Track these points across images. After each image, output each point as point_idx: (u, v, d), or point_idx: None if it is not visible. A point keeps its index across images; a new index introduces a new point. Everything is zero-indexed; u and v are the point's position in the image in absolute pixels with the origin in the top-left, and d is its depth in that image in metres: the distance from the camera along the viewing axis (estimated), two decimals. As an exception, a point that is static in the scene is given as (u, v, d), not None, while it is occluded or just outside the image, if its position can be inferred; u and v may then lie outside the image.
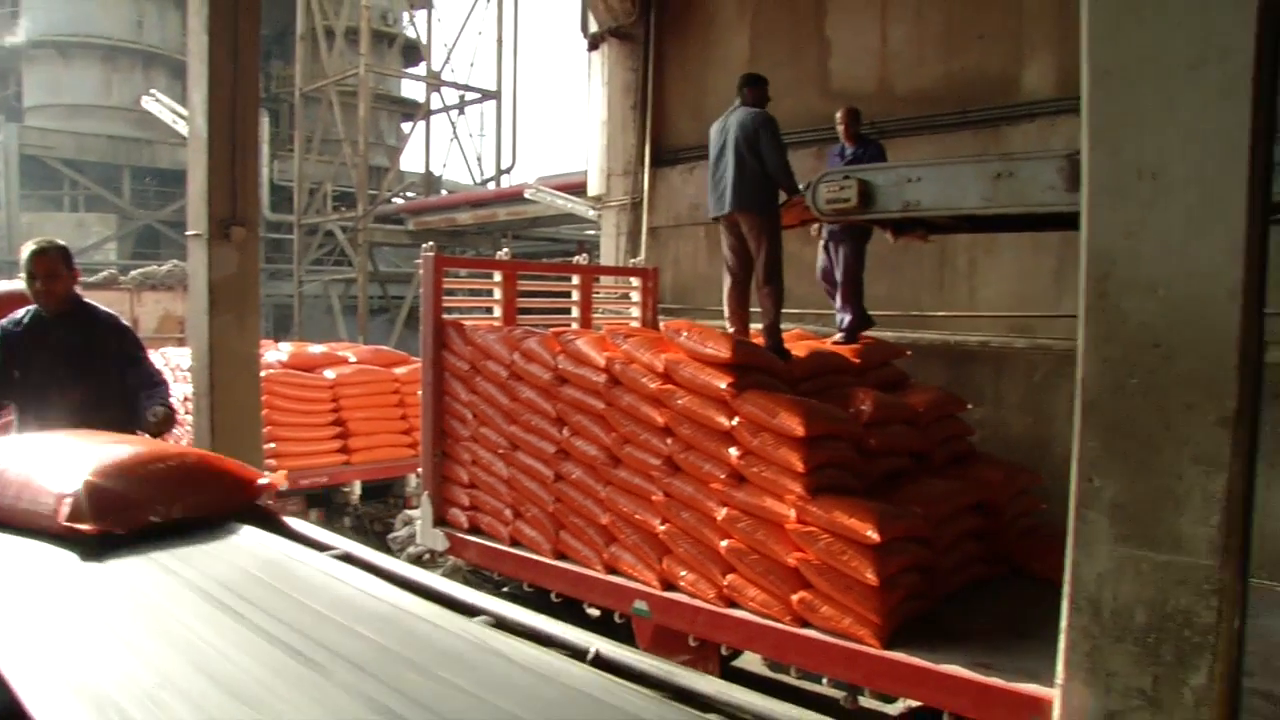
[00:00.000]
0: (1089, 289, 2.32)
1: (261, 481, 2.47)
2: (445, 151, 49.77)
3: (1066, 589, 2.49)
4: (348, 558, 2.02)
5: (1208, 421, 2.24)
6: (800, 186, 5.60)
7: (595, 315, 8.04)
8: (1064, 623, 2.51)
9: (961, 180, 4.21)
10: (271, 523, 2.31)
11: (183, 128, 21.02)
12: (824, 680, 4.81)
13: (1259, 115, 2.03)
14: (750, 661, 5.81)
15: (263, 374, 7.70)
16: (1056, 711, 2.57)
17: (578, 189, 14.82)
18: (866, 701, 4.82)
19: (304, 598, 1.70)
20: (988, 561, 5.33)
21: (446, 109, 29.08)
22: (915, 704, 4.59)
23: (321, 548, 2.07)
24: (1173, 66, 2.11)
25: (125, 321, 4.33)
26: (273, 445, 9.05)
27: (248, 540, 2.09)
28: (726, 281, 6.09)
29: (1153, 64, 2.15)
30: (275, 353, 10.27)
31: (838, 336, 6.51)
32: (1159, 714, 2.37)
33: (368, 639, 1.45)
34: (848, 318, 6.51)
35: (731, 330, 5.95)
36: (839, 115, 6.59)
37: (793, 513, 4.61)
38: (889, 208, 4.38)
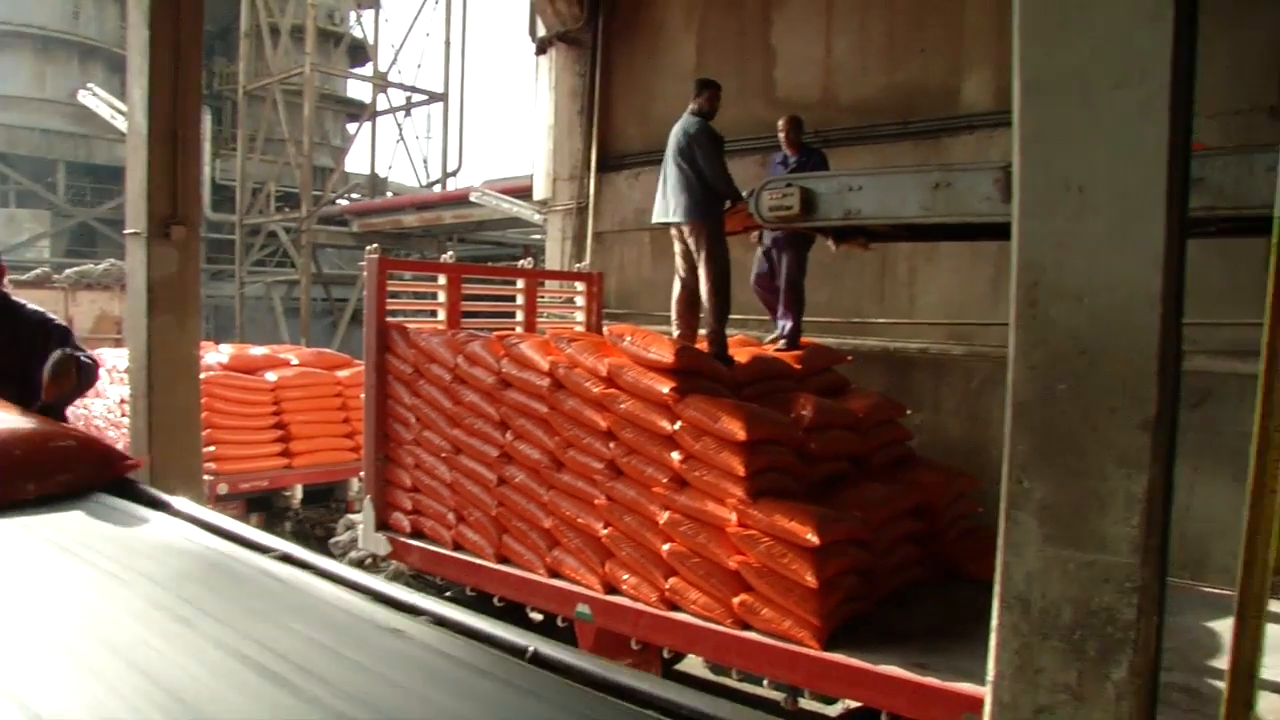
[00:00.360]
0: (1019, 297, 2.40)
1: (129, 461, 2.47)
2: (391, 153, 49.52)
3: (997, 589, 2.56)
4: (232, 535, 2.03)
5: (1130, 425, 2.32)
6: (743, 194, 5.66)
7: (540, 319, 8.05)
8: (995, 622, 2.57)
9: (901, 190, 4.29)
10: (142, 498, 2.30)
11: (121, 123, 20.61)
12: (764, 682, 4.87)
13: (1176, 133, 2.12)
14: (692, 664, 5.85)
15: (202, 376, 7.58)
16: (988, 708, 2.63)
17: (524, 193, 14.80)
18: (806, 703, 4.89)
19: (211, 574, 1.74)
20: (926, 564, 5.44)
21: (393, 110, 28.87)
22: (854, 704, 4.66)
23: (217, 530, 2.07)
24: (1097, 85, 2.20)
25: (57, 319, 4.19)
26: (212, 448, 8.91)
27: (109, 509, 2.11)
28: (676, 287, 6.13)
29: (1079, 82, 2.23)
30: (216, 354, 10.13)
31: (780, 344, 6.58)
32: (1083, 707, 2.44)
33: (292, 629, 1.47)
34: (789, 324, 6.59)
35: (677, 336, 5.99)
36: (781, 124, 6.68)
37: (734, 516, 4.67)
38: (830, 216, 4.46)
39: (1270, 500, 2.13)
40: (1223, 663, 2.44)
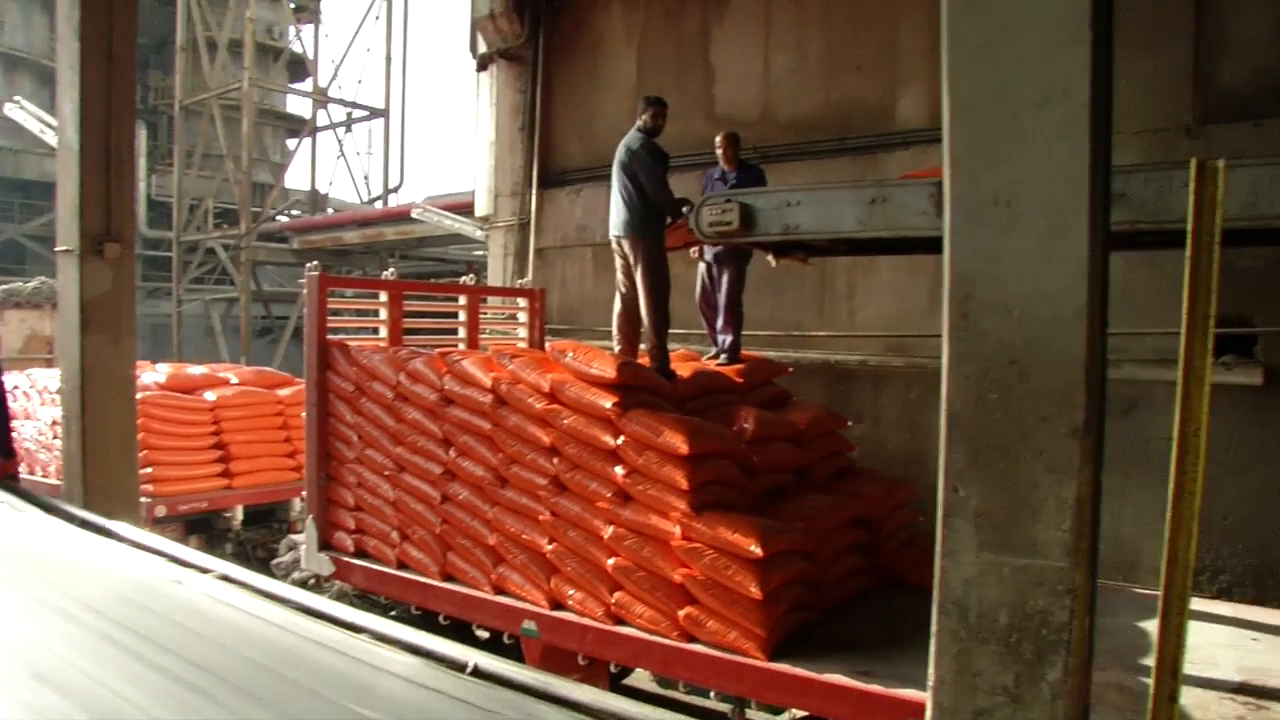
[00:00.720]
0: (951, 310, 2.46)
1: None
2: (332, 169, 48.69)
3: (935, 595, 2.61)
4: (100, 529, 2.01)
5: (1059, 433, 2.39)
6: (683, 209, 5.73)
7: (482, 336, 8.03)
8: (933, 628, 2.62)
9: (839, 205, 4.36)
10: (75, 520, 2.28)
11: (51, 137, 20.07)
12: (711, 694, 4.89)
13: (1097, 150, 2.20)
14: (640, 679, 5.85)
15: (139, 396, 7.43)
16: (929, 713, 2.67)
17: (466, 209, 14.75)
18: (754, 714, 4.92)
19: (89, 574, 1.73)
20: (868, 573, 5.51)
21: (333, 126, 28.61)
22: (801, 714, 4.70)
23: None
24: (1022, 104, 2.27)
25: None
26: (149, 470, 8.76)
27: (40, 530, 2.09)
28: (617, 303, 6.16)
29: (1005, 101, 2.30)
30: (152, 374, 10.00)
31: (721, 359, 6.63)
32: (1020, 709, 2.49)
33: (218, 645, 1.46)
34: (729, 339, 6.64)
35: (619, 351, 6.01)
36: (719, 140, 6.76)
37: (678, 529, 4.69)
38: (769, 230, 4.51)
39: (1190, 502, 2.21)
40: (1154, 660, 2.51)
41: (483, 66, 11.60)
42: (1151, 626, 4.73)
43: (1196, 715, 3.70)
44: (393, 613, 6.44)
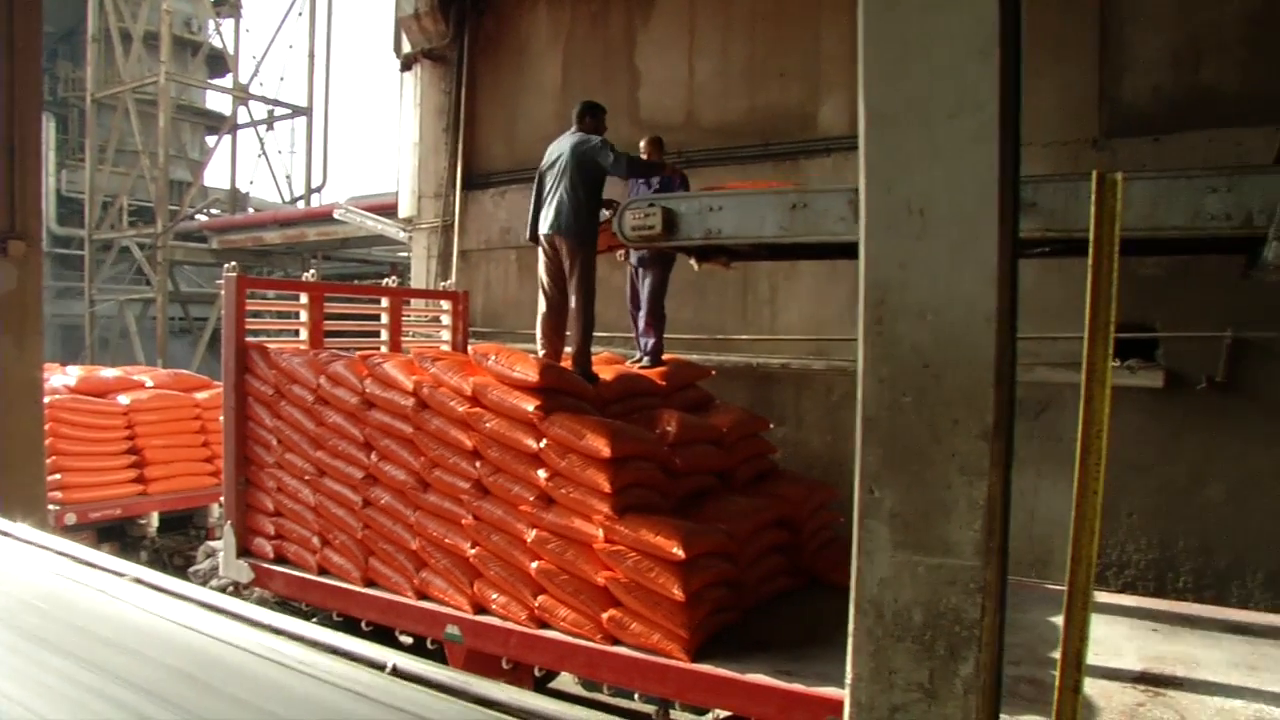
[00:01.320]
0: (867, 314, 2.51)
1: None
2: (253, 168, 47.49)
3: (852, 594, 2.65)
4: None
5: (971, 434, 2.46)
6: (606, 213, 5.75)
7: (405, 338, 7.93)
8: (851, 626, 2.66)
9: (760, 210, 4.42)
10: None
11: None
12: (636, 696, 4.90)
13: (1005, 160, 2.27)
14: (565, 682, 5.85)
15: (47, 400, 7.18)
16: (847, 710, 2.71)
17: (389, 210, 14.54)
18: (678, 714, 4.95)
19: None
20: (790, 574, 5.58)
21: (254, 124, 27.89)
22: (724, 713, 4.75)
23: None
24: (935, 114, 2.34)
25: None
26: (58, 476, 8.50)
27: None
28: (541, 306, 6.12)
29: (918, 111, 2.36)
30: (62, 377, 9.72)
31: (644, 361, 6.66)
32: (935, 704, 2.55)
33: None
34: (650, 342, 6.68)
35: (543, 355, 5.99)
36: (643, 145, 6.79)
37: (601, 532, 4.70)
38: (692, 235, 4.55)
39: (1093, 501, 2.29)
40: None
41: (407, 66, 11.47)
42: (1062, 621, 4.90)
43: (1100, 704, 3.83)
44: (314, 619, 6.34)
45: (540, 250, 6.03)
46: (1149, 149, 6.77)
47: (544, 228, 5.93)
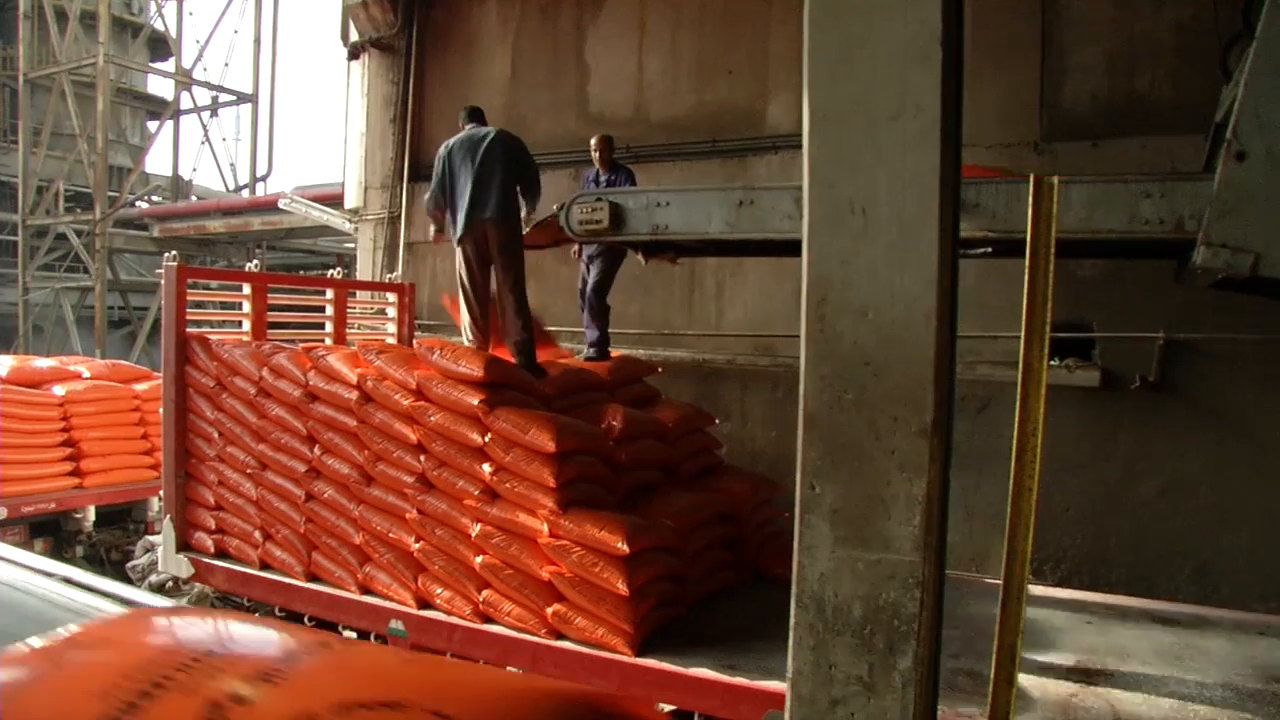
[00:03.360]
0: (809, 312, 2.54)
1: None
2: (196, 155, 46.41)
3: (794, 589, 2.67)
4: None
5: (910, 432, 2.49)
6: (554, 207, 5.72)
7: (350, 331, 7.85)
8: (792, 621, 2.69)
9: (707, 206, 4.47)
10: None
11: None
12: (579, 691, 4.90)
13: (946, 162, 2.31)
14: (508, 677, 5.82)
15: (-26, 391, 6.98)
16: (788, 704, 2.74)
17: (336, 200, 14.36)
18: (620, 709, 4.95)
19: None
20: (734, 568, 5.63)
21: (198, 110, 27.28)
22: (669, 707, 4.77)
23: None
24: (877, 115, 2.36)
25: None
26: (-13, 468, 8.26)
27: None
28: (466, 296, 6.04)
29: (861, 112, 2.39)
30: (-8, 366, 9.39)
31: (588, 353, 6.68)
32: (874, 697, 2.58)
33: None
34: (595, 334, 6.70)
35: (475, 345, 5.95)
36: (594, 143, 6.79)
37: (545, 527, 4.70)
38: (639, 230, 4.58)
39: (1028, 499, 2.34)
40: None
41: (354, 55, 11.32)
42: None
43: (1035, 695, 3.92)
44: (256, 614, 6.26)
45: (470, 240, 5.89)
46: (1088, 153, 6.93)
47: (477, 214, 5.78)
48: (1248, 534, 6.50)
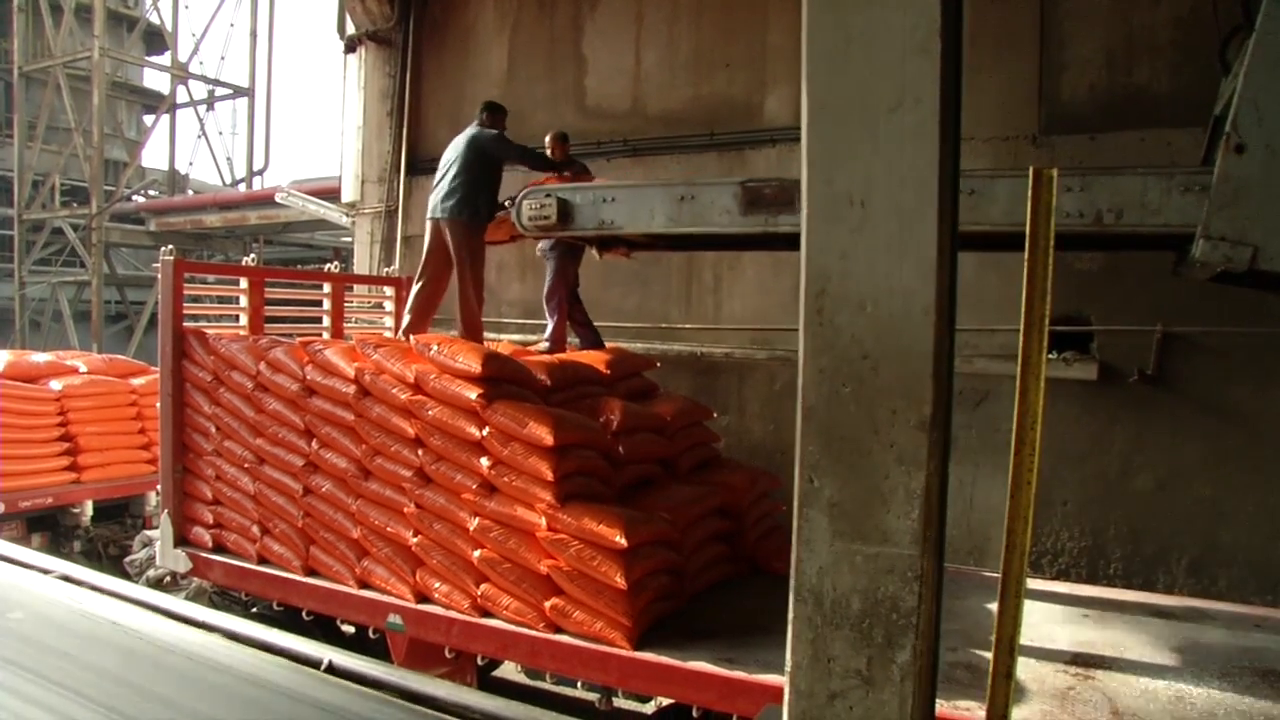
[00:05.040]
0: (807, 305, 2.53)
1: None
2: (192, 149, 46.28)
3: (792, 582, 2.67)
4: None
5: (909, 425, 2.49)
6: (505, 202, 5.82)
7: (348, 325, 7.83)
8: (790, 614, 2.69)
9: (650, 202, 4.55)
10: None
11: None
12: (579, 684, 4.91)
13: (945, 155, 2.30)
14: (508, 670, 5.84)
15: (-27, 385, 6.97)
16: (786, 697, 2.74)
17: (332, 194, 14.33)
18: (621, 702, 4.97)
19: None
20: (732, 562, 5.62)
21: (194, 103, 27.18)
22: (667, 701, 4.78)
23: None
24: (875, 108, 2.36)
25: None
26: (-15, 463, 8.25)
27: None
28: (422, 286, 6.34)
29: (859, 104, 2.38)
30: (-11, 361, 9.38)
31: (542, 346, 6.72)
32: (872, 690, 2.59)
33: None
34: (550, 328, 6.75)
35: (405, 328, 6.17)
36: (548, 140, 6.79)
37: (543, 521, 4.69)
38: (586, 225, 4.65)
39: (1027, 492, 2.34)
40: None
41: (351, 48, 11.30)
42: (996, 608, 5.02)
43: (1033, 688, 3.93)
44: (254, 609, 6.26)
45: (429, 232, 6.22)
46: (1086, 146, 6.92)
47: (434, 213, 6.13)
48: (1245, 527, 6.52)
